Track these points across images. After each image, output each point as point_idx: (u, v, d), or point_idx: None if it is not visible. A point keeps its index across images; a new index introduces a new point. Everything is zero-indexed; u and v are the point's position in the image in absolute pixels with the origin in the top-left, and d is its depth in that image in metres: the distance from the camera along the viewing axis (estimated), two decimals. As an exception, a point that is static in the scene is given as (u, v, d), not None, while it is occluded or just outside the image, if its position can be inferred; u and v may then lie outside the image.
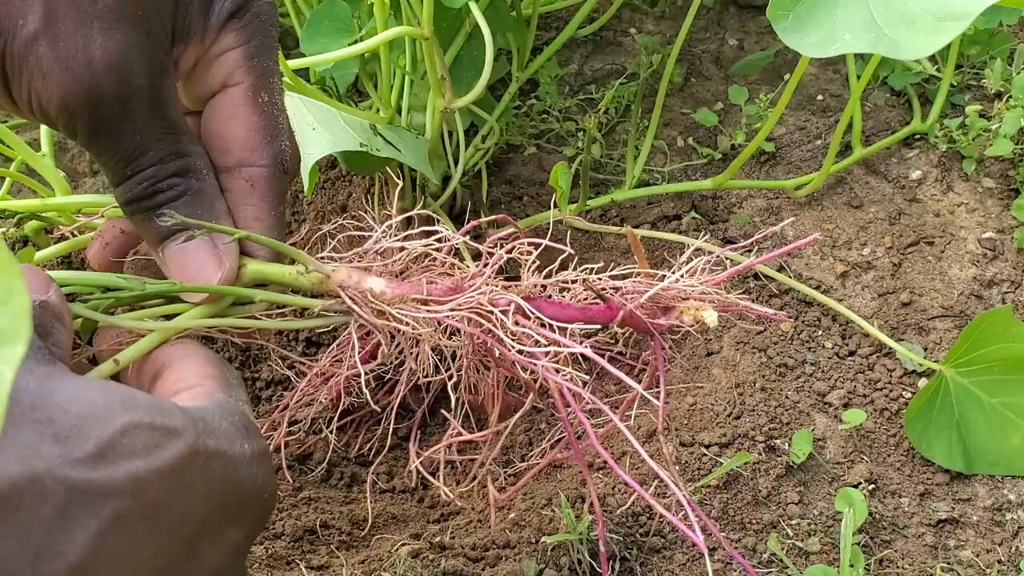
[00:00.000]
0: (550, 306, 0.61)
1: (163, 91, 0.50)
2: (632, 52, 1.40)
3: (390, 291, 0.55)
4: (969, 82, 1.30)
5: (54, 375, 0.42)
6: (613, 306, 0.60)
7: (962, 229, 1.15)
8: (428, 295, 0.56)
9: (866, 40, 0.74)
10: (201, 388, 0.50)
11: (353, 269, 0.56)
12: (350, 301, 0.55)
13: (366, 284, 0.55)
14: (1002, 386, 0.96)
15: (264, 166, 0.54)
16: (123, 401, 0.42)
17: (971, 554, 0.90)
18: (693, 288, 0.62)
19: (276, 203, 0.55)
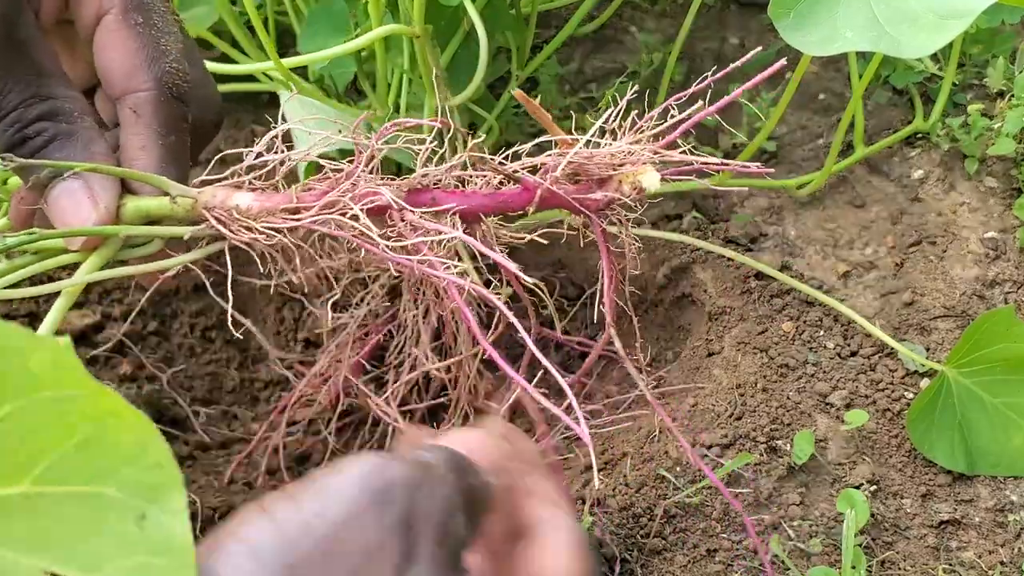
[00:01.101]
0: (450, 196, 0.53)
1: (19, 29, 0.47)
2: (633, 50, 1.40)
3: (257, 204, 0.50)
4: (971, 81, 1.30)
5: None
6: (529, 186, 0.52)
7: (964, 229, 1.14)
8: (298, 203, 0.50)
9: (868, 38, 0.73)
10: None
11: (220, 188, 0.51)
12: (215, 221, 0.50)
13: (231, 201, 0.50)
14: (1004, 386, 0.95)
15: (146, 90, 0.50)
16: None
17: (973, 555, 0.90)
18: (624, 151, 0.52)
19: (164, 131, 0.51)
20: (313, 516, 0.34)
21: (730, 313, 1.08)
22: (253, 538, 0.34)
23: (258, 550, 0.33)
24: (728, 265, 1.11)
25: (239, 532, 0.34)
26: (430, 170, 0.53)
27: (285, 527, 0.34)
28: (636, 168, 0.51)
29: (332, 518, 0.34)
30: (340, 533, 0.33)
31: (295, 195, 0.51)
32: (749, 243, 1.15)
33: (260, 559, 0.33)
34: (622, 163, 0.52)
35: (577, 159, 0.52)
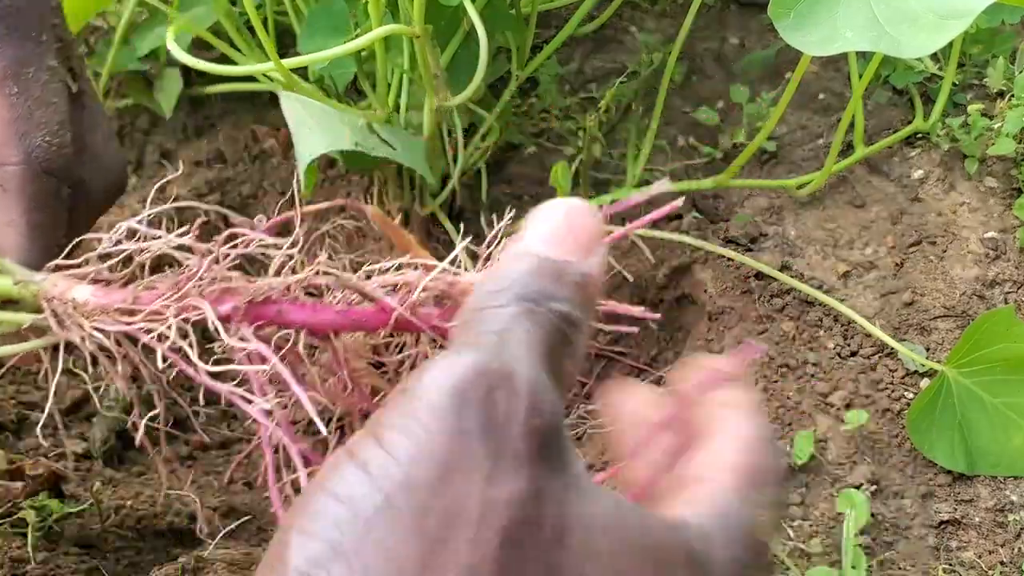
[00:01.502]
0: (299, 309, 0.50)
1: None
2: (633, 50, 1.40)
3: (94, 301, 0.47)
4: (971, 81, 1.30)
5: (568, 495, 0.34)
6: (385, 307, 0.49)
7: (964, 229, 1.14)
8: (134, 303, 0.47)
9: (868, 38, 0.73)
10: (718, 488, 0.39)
11: (65, 277, 0.48)
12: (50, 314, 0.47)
13: (70, 294, 0.47)
14: (1004, 386, 0.95)
15: (14, 164, 0.48)
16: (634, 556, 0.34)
17: (973, 555, 0.90)
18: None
19: (32, 206, 0.49)
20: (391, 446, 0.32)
21: (730, 313, 1.08)
22: (341, 487, 0.32)
23: (345, 496, 0.32)
24: (728, 265, 1.11)
25: (326, 480, 0.33)
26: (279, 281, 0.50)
27: (368, 464, 0.32)
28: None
29: (409, 443, 0.32)
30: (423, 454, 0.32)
31: (133, 295, 0.48)
32: (749, 243, 1.15)
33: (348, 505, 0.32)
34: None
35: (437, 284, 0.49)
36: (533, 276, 0.37)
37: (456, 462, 0.32)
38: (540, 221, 0.40)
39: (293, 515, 0.33)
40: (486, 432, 0.32)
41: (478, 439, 0.32)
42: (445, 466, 0.32)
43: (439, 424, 0.32)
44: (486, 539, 0.31)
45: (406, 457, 0.32)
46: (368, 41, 0.78)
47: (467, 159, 1.16)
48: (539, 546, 0.32)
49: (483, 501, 0.31)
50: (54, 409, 0.50)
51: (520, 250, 0.39)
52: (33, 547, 0.86)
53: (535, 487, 0.32)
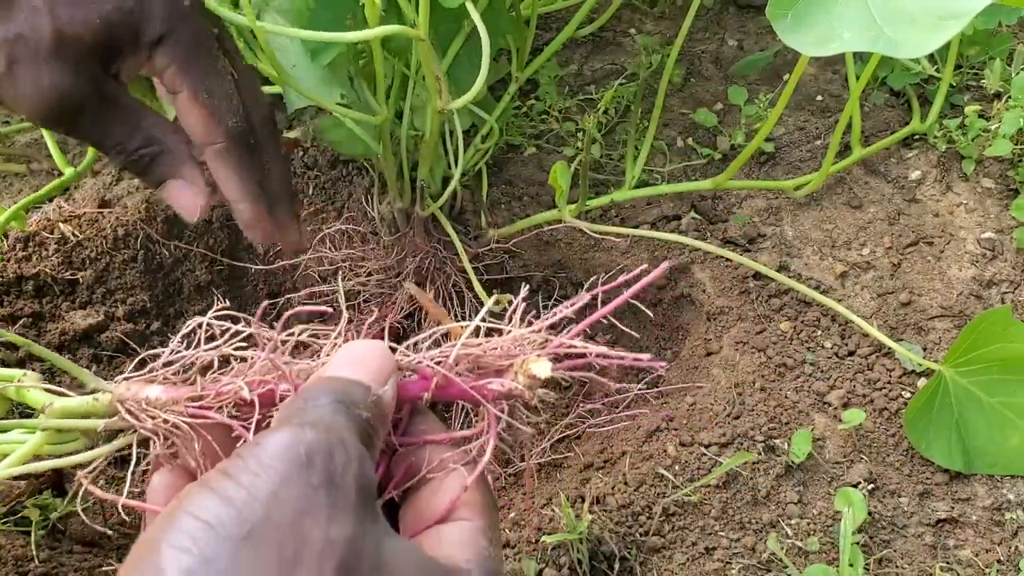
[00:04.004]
0: None
1: (105, 95, 0.64)
2: (632, 52, 1.40)
3: (165, 396, 0.55)
4: (968, 82, 1.31)
5: (385, 534, 0.44)
6: (426, 375, 0.55)
7: (961, 229, 1.15)
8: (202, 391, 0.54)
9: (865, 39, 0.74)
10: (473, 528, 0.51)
11: (133, 382, 0.56)
12: (126, 413, 0.55)
13: (143, 394, 0.55)
14: (1001, 386, 0.96)
15: (219, 142, 0.67)
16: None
17: (970, 554, 0.90)
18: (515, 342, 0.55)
19: (239, 165, 0.68)
20: (252, 488, 0.40)
21: (728, 313, 1.08)
22: (206, 512, 0.40)
23: (213, 521, 0.39)
24: (726, 265, 1.12)
25: (190, 507, 0.40)
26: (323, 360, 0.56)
27: (233, 500, 0.40)
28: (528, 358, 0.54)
29: (269, 489, 0.40)
30: (279, 499, 0.40)
31: (200, 385, 0.55)
32: (747, 244, 1.15)
33: (217, 529, 0.39)
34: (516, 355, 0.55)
35: (468, 350, 0.55)
36: (343, 389, 0.48)
37: (305, 506, 0.41)
38: (346, 354, 0.52)
39: (160, 530, 0.40)
40: (328, 485, 0.42)
41: (322, 490, 0.41)
42: (296, 509, 0.40)
43: (293, 476, 0.41)
44: (325, 566, 0.40)
45: (265, 498, 0.40)
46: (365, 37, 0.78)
47: (467, 160, 1.16)
48: (366, 570, 0.41)
49: (325, 538, 0.40)
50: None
51: (331, 373, 0.50)
52: (36, 545, 0.86)
53: (361, 530, 0.42)
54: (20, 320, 1.06)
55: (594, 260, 1.17)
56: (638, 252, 1.16)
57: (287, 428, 0.44)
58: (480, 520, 0.52)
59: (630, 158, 1.21)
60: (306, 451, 0.42)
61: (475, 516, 0.52)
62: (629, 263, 1.15)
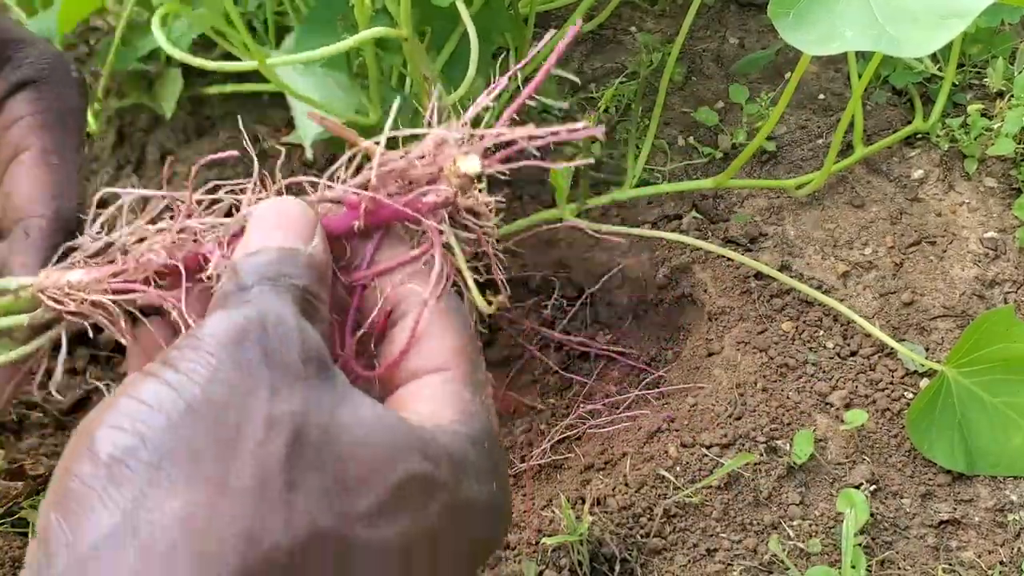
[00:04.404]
0: None
1: None
2: (632, 50, 1.40)
3: (87, 276, 0.52)
4: (971, 81, 1.30)
5: (342, 401, 0.41)
6: (352, 203, 0.50)
7: (964, 229, 1.14)
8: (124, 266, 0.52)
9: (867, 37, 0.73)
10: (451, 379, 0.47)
11: (53, 270, 0.53)
12: (49, 300, 0.52)
13: (64, 279, 0.52)
14: (1004, 386, 0.95)
15: (42, 216, 0.56)
16: (404, 444, 0.41)
17: (973, 555, 0.90)
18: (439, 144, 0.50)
19: (47, 256, 0.56)
20: (190, 372, 0.39)
21: (730, 313, 1.08)
22: (147, 394, 0.39)
23: (151, 401, 0.38)
24: (728, 265, 1.11)
25: (129, 391, 0.39)
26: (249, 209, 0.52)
27: (171, 382, 0.39)
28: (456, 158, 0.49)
29: (206, 372, 0.39)
30: (217, 379, 0.39)
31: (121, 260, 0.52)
32: (749, 243, 1.15)
33: (154, 408, 0.38)
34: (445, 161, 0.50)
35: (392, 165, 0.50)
36: (268, 264, 0.45)
37: (243, 384, 0.39)
38: (260, 220, 0.48)
39: (97, 415, 0.39)
40: (266, 360, 0.40)
41: (260, 366, 0.40)
42: (234, 387, 0.39)
43: (226, 356, 0.40)
44: (273, 441, 0.38)
45: (202, 380, 0.39)
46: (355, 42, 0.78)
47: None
48: (317, 444, 0.39)
49: (267, 415, 0.38)
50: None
51: (250, 248, 0.46)
52: (33, 547, 0.85)
53: (310, 401, 0.40)
54: (17, 320, 1.06)
55: (595, 259, 1.17)
56: (639, 251, 1.16)
57: (218, 312, 0.42)
58: (459, 367, 0.47)
59: (631, 157, 1.21)
60: (237, 332, 0.40)
61: (452, 363, 0.47)
62: (630, 262, 1.15)
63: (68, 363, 1.07)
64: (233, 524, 0.36)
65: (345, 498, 0.38)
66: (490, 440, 0.46)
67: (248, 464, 0.37)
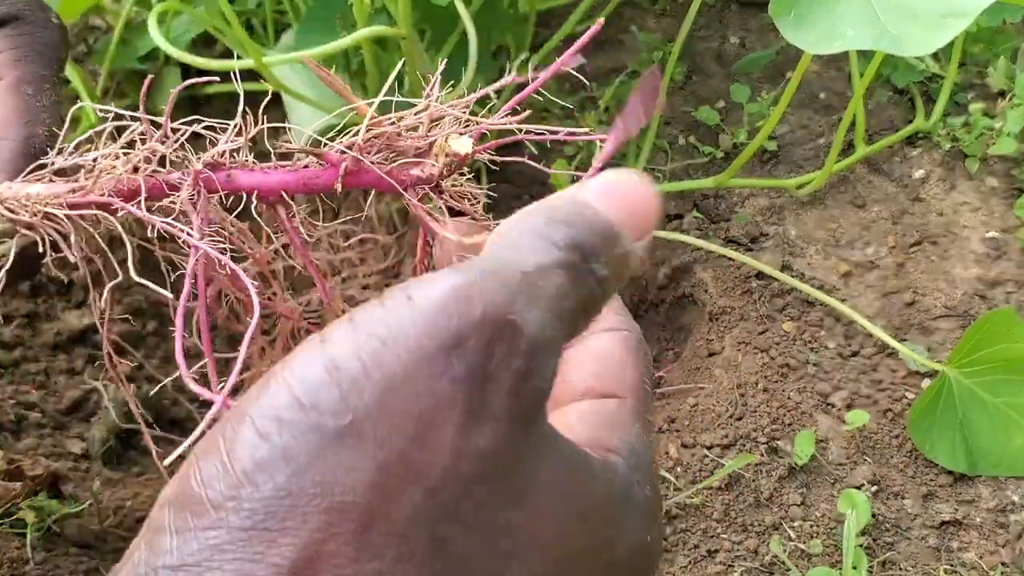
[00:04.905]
0: (247, 173, 0.50)
1: None
2: (633, 50, 1.39)
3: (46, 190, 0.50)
4: (973, 80, 1.30)
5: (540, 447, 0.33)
6: (333, 161, 0.48)
7: (966, 228, 1.14)
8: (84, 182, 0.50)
9: (868, 36, 0.73)
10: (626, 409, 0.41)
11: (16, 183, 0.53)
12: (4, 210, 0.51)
13: (23, 191, 0.52)
14: (1006, 386, 0.95)
15: (12, 140, 0.55)
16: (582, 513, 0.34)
17: (974, 556, 0.89)
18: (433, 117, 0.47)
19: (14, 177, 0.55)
20: (370, 362, 0.30)
21: (731, 313, 1.07)
22: (304, 384, 0.30)
23: (307, 401, 0.30)
24: (729, 265, 1.11)
25: (290, 373, 0.31)
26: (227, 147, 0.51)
27: (341, 373, 0.30)
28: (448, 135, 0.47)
29: (393, 368, 0.30)
30: (402, 383, 0.30)
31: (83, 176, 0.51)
32: (750, 243, 1.14)
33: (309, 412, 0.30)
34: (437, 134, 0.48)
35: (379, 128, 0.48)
36: (590, 229, 0.35)
37: (433, 405, 0.30)
38: (608, 183, 0.39)
39: (250, 396, 0.32)
40: (473, 381, 0.30)
41: (463, 387, 0.30)
42: (420, 407, 0.30)
43: (428, 358, 0.30)
44: (446, 492, 0.30)
45: (383, 380, 0.30)
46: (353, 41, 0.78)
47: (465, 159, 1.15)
48: (498, 505, 0.31)
49: (453, 452, 0.30)
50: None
51: (582, 199, 0.38)
52: (32, 547, 0.85)
53: (507, 447, 0.31)
54: (15, 320, 1.06)
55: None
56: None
57: (457, 275, 0.32)
58: (636, 400, 0.41)
59: (631, 156, 1.20)
60: (460, 324, 0.30)
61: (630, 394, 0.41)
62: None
63: (67, 362, 1.06)
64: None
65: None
66: (653, 482, 0.40)
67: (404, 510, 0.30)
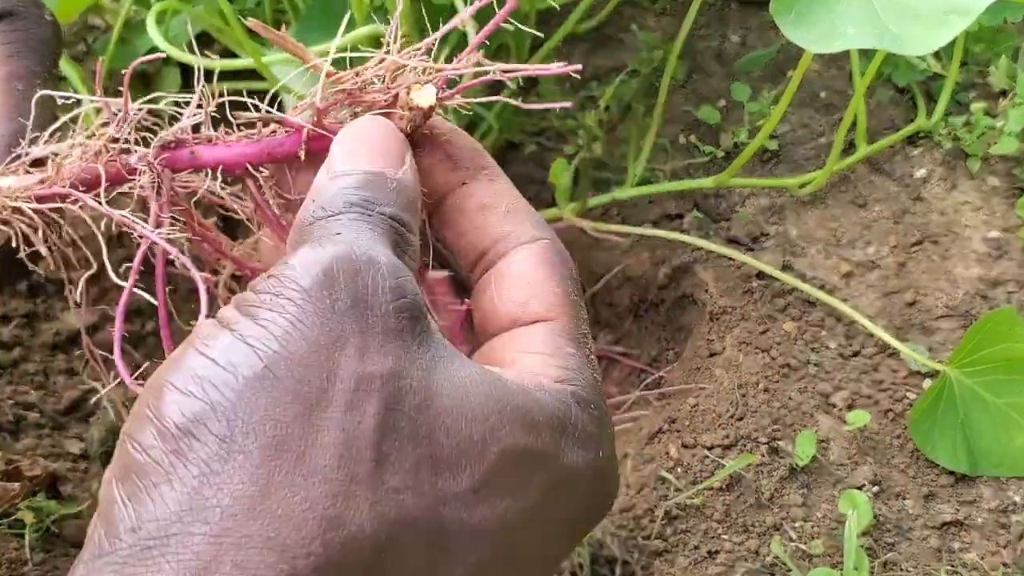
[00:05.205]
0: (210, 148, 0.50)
1: None
2: (633, 49, 1.39)
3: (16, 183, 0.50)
4: (974, 79, 1.29)
5: (438, 360, 0.36)
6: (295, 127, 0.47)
7: (967, 228, 1.14)
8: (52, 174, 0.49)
9: (869, 35, 0.73)
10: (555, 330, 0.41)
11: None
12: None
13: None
14: (1007, 386, 0.95)
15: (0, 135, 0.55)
16: (502, 413, 0.36)
17: (976, 556, 0.89)
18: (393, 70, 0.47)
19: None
20: (267, 324, 0.34)
21: (731, 313, 1.07)
22: (219, 351, 0.34)
23: (222, 360, 0.34)
24: (729, 265, 1.11)
25: (199, 343, 0.35)
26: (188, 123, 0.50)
27: (245, 336, 0.34)
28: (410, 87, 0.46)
29: (286, 321, 0.34)
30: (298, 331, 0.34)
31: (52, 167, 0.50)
32: (751, 242, 1.14)
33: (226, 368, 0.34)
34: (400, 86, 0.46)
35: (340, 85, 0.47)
36: (355, 188, 0.40)
37: (329, 338, 0.34)
38: (347, 140, 0.42)
39: (165, 372, 0.35)
40: (356, 310, 0.35)
41: (349, 317, 0.34)
42: (319, 342, 0.34)
43: (312, 304, 0.35)
44: (362, 407, 0.33)
45: (282, 332, 0.34)
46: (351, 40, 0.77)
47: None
48: (412, 411, 0.34)
49: (357, 374, 0.34)
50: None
51: (335, 170, 0.41)
52: (31, 548, 0.85)
53: (405, 359, 0.35)
54: (14, 320, 1.06)
55: (595, 259, 1.16)
56: (639, 251, 1.15)
57: (303, 248, 0.36)
58: (564, 318, 0.42)
59: (632, 155, 1.20)
60: (326, 270, 0.35)
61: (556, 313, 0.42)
62: (631, 262, 1.14)
63: (66, 363, 1.06)
64: (313, 507, 0.32)
65: (439, 476, 0.34)
66: (596, 399, 0.41)
67: (332, 435, 0.33)
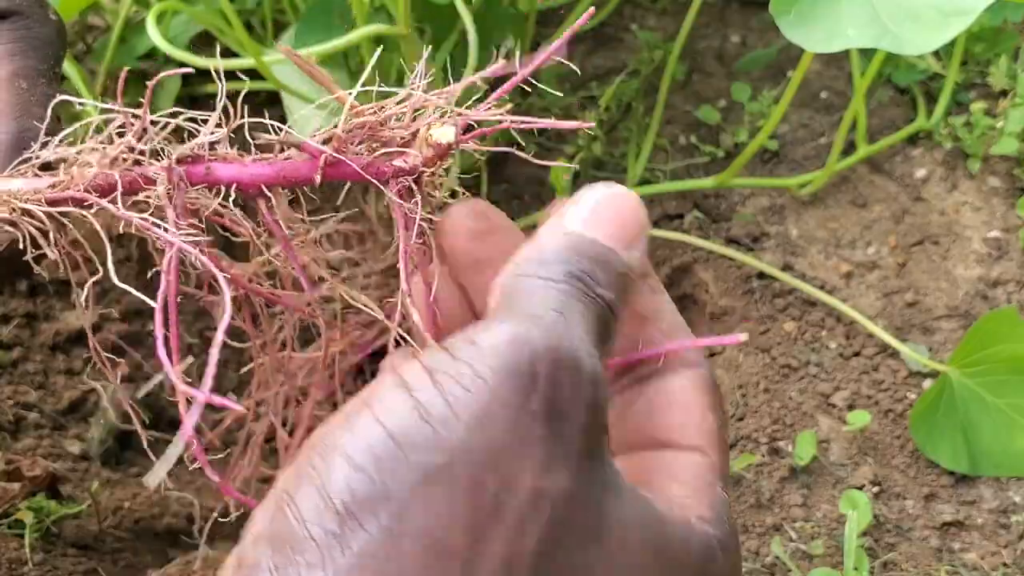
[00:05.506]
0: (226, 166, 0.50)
1: None
2: (633, 49, 1.39)
3: (27, 186, 0.50)
4: (974, 80, 1.29)
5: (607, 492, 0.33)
6: (313, 152, 0.48)
7: (967, 228, 1.14)
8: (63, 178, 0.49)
9: (870, 35, 0.73)
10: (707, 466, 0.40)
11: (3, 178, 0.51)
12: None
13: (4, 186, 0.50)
14: (1008, 387, 0.95)
15: (3, 134, 0.54)
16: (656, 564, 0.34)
17: (976, 557, 0.89)
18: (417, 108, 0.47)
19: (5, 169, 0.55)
20: (457, 403, 0.31)
21: (732, 313, 1.07)
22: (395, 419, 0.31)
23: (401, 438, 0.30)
24: (730, 265, 1.11)
25: (378, 408, 0.31)
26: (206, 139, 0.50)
27: (431, 413, 0.31)
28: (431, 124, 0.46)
29: (478, 408, 0.31)
30: (487, 424, 0.31)
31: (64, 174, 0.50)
32: (751, 243, 1.14)
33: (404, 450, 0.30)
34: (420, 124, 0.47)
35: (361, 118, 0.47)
36: (580, 256, 0.36)
37: (516, 441, 0.31)
38: (586, 203, 0.39)
39: (336, 431, 0.32)
40: (549, 417, 0.31)
41: (540, 423, 0.31)
42: (504, 441, 0.31)
43: (507, 394, 0.31)
44: (530, 528, 0.30)
45: (469, 417, 0.30)
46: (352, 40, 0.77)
47: (466, 158, 1.15)
48: (576, 544, 0.31)
49: (534, 489, 0.30)
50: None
51: (564, 226, 0.38)
52: (31, 548, 0.85)
53: (582, 484, 0.32)
54: (14, 320, 1.05)
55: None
56: (640, 251, 1.15)
57: (509, 323, 0.33)
58: (716, 454, 0.40)
59: (632, 156, 1.20)
60: (528, 360, 0.31)
61: (709, 447, 0.40)
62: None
63: (66, 363, 1.06)
64: None
65: None
66: (736, 547, 0.39)
67: (496, 549, 0.30)
